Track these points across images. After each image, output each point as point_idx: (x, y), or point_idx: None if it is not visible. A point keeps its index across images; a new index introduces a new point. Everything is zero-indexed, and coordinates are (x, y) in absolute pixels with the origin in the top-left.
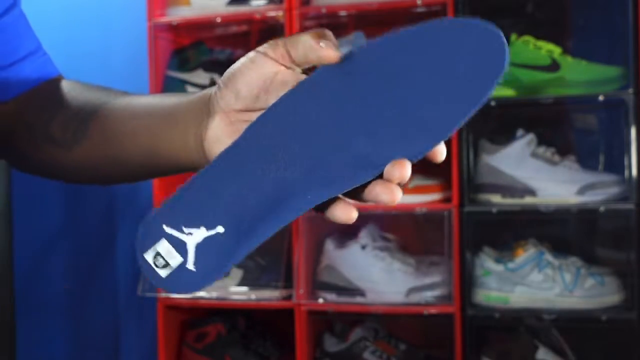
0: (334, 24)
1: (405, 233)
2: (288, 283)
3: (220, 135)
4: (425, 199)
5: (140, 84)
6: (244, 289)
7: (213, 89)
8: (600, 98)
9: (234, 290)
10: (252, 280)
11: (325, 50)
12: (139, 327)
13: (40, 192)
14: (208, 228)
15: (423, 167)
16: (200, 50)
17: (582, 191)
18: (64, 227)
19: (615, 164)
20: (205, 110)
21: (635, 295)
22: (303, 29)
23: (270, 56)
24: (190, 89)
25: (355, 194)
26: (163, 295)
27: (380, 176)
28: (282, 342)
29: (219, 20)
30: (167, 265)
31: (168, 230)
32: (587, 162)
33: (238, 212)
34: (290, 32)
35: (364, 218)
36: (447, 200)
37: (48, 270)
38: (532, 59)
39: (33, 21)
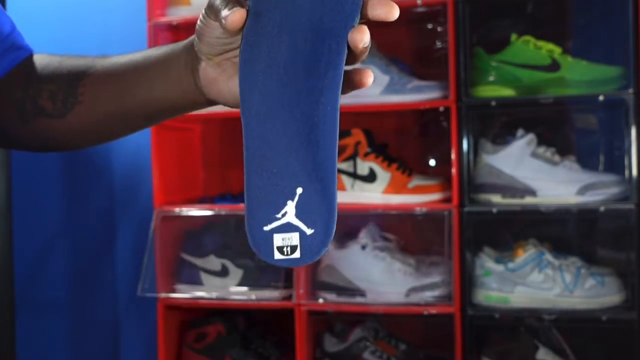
0: None
1: (405, 233)
2: (288, 283)
3: (212, 77)
4: (425, 199)
5: None
6: (244, 289)
7: (192, 39)
8: (601, 98)
9: (234, 290)
10: (252, 280)
11: (228, 19)
12: (139, 327)
13: (41, 191)
14: (291, 198)
15: (423, 168)
16: None
17: (582, 191)
18: (64, 227)
19: (616, 164)
20: (193, 56)
21: (636, 296)
22: None
23: (209, 17)
24: None
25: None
26: (163, 295)
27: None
28: (282, 342)
29: None
30: (294, 247)
31: (269, 228)
32: (587, 162)
33: (296, 164)
34: None
35: (364, 218)
36: (447, 200)
37: (48, 270)
38: (532, 58)
39: (32, 21)
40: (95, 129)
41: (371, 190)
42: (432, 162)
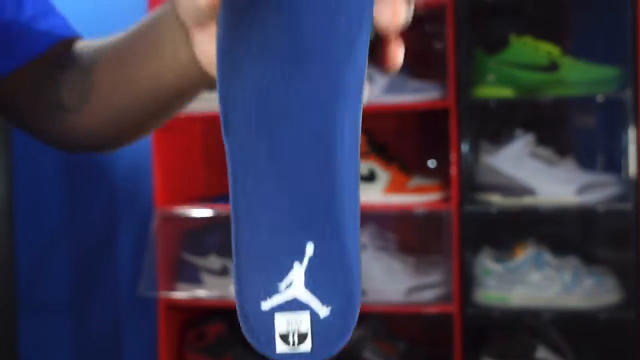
0: None
1: (404, 233)
2: None
3: (209, 53)
4: (424, 198)
5: None
6: None
7: (173, 5)
8: (599, 98)
9: None
10: None
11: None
12: (139, 327)
13: (42, 191)
14: (298, 258)
15: (423, 167)
16: None
17: (581, 191)
18: (65, 227)
19: (614, 164)
20: (179, 25)
21: (634, 295)
22: None
23: None
24: None
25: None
26: (163, 294)
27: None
28: None
29: None
30: (304, 335)
31: (268, 305)
32: (585, 162)
33: (306, 208)
34: None
35: (364, 218)
36: (446, 200)
37: (49, 269)
38: (531, 59)
39: None
40: (113, 122)
41: (371, 190)
42: (431, 163)
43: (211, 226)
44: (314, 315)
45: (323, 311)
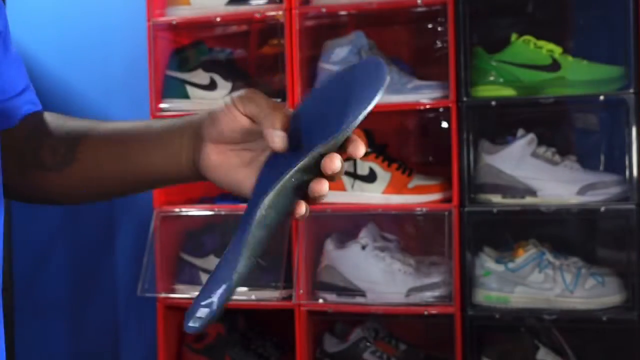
0: (334, 24)
1: (405, 233)
2: (288, 283)
3: (214, 164)
4: (425, 199)
5: (140, 83)
6: (244, 289)
7: (201, 118)
8: (601, 98)
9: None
10: (252, 280)
11: (274, 140)
12: (139, 327)
13: None
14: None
15: (423, 168)
16: (199, 50)
17: (582, 191)
18: (63, 228)
19: (616, 164)
20: (196, 136)
21: (636, 296)
22: (303, 29)
23: (240, 111)
24: (190, 88)
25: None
26: (163, 295)
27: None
28: (282, 342)
29: (218, 19)
30: (199, 319)
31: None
32: (587, 162)
33: (230, 269)
34: (290, 32)
35: (364, 218)
36: (447, 200)
37: (48, 270)
38: (532, 58)
39: (32, 22)
40: (90, 188)
41: (371, 190)
42: (432, 163)
43: (210, 227)
44: (208, 312)
45: (204, 312)
